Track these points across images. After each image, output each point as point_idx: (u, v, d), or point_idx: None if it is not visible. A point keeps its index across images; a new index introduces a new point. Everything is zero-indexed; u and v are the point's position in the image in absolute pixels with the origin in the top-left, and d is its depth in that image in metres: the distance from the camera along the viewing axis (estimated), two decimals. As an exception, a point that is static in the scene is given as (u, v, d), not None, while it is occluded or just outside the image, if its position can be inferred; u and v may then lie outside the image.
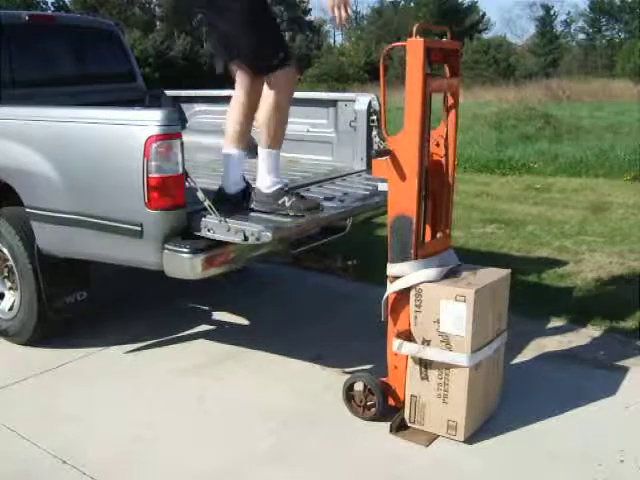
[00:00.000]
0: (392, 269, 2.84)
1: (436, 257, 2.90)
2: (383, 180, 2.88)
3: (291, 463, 2.69)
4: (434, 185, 2.92)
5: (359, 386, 2.99)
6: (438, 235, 3.00)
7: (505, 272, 2.98)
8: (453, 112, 2.93)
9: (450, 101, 2.92)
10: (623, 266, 5.01)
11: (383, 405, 2.92)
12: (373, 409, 2.95)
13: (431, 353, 2.77)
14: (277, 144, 3.12)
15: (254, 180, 3.19)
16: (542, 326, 3.96)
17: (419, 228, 2.80)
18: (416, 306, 2.80)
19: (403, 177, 2.75)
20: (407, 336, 2.83)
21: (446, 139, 2.93)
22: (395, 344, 2.84)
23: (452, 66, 2.92)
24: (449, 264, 2.92)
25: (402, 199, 2.77)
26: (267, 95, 3.06)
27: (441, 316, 2.73)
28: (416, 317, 2.81)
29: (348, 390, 3.03)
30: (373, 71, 37.14)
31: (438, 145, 2.95)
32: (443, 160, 2.95)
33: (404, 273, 2.80)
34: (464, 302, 2.67)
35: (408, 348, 2.82)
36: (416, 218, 2.75)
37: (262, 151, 3.12)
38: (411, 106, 2.67)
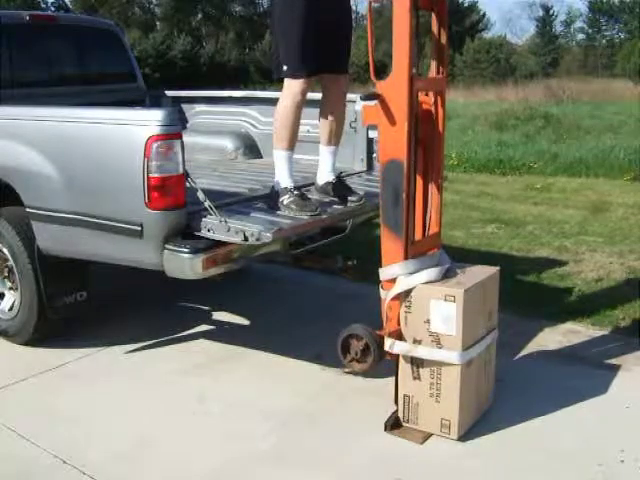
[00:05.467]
0: (384, 272, 2.84)
1: (430, 257, 2.90)
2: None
3: (291, 463, 2.69)
4: (424, 133, 2.91)
5: (355, 338, 2.92)
6: (430, 229, 2.99)
7: (494, 270, 2.99)
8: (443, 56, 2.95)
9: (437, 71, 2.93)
10: (623, 266, 5.01)
11: (379, 356, 2.87)
12: (368, 360, 2.89)
13: (422, 352, 2.78)
14: (281, 145, 3.26)
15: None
16: (542, 326, 3.96)
17: (410, 174, 2.76)
18: (406, 307, 2.80)
19: (393, 121, 2.72)
20: (398, 336, 2.83)
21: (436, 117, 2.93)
22: (387, 343, 2.84)
23: (439, 14, 2.91)
24: (444, 262, 2.92)
25: (392, 143, 2.74)
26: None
27: (431, 316, 2.74)
28: (406, 317, 2.81)
29: (343, 342, 2.96)
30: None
31: (427, 94, 2.95)
32: (432, 109, 2.95)
33: (395, 275, 2.80)
34: (454, 302, 2.68)
35: (400, 347, 2.82)
36: (407, 163, 2.72)
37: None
38: (398, 49, 2.66)
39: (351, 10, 3.50)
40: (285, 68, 3.16)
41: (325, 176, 3.45)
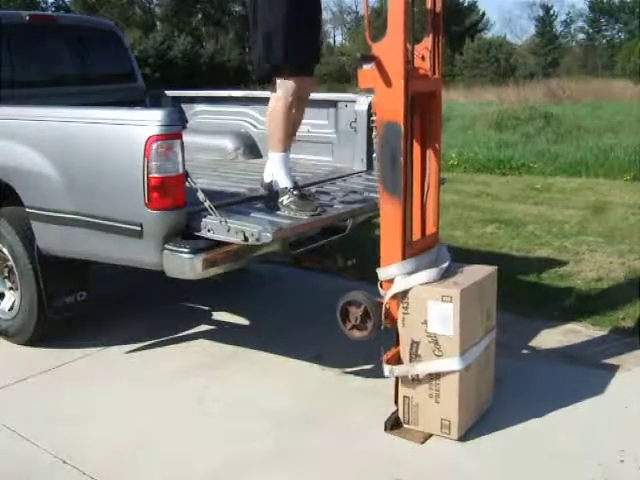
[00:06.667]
0: (383, 273, 2.84)
1: (427, 254, 2.90)
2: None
3: (291, 463, 2.69)
4: (421, 100, 2.89)
5: (354, 304, 2.91)
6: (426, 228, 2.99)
7: (491, 269, 2.99)
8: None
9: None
10: (623, 266, 5.01)
11: (379, 321, 2.86)
12: (368, 326, 2.88)
13: (422, 368, 2.78)
14: (277, 146, 3.27)
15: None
16: (542, 326, 3.96)
17: (407, 136, 2.74)
18: (403, 308, 2.80)
19: (389, 83, 2.70)
20: (397, 360, 2.84)
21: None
22: (386, 370, 2.84)
23: None
24: (443, 260, 2.93)
25: (389, 105, 2.71)
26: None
27: (429, 317, 2.73)
28: (404, 319, 2.81)
29: (343, 308, 2.94)
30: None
31: (423, 59, 2.94)
32: (429, 73, 2.94)
33: (394, 275, 2.80)
34: (450, 302, 2.68)
35: (398, 371, 2.83)
36: (404, 125, 2.69)
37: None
38: (393, 8, 2.64)
39: (321, 15, 3.50)
40: (275, 67, 3.16)
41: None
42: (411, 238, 2.88)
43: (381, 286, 2.89)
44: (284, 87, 3.17)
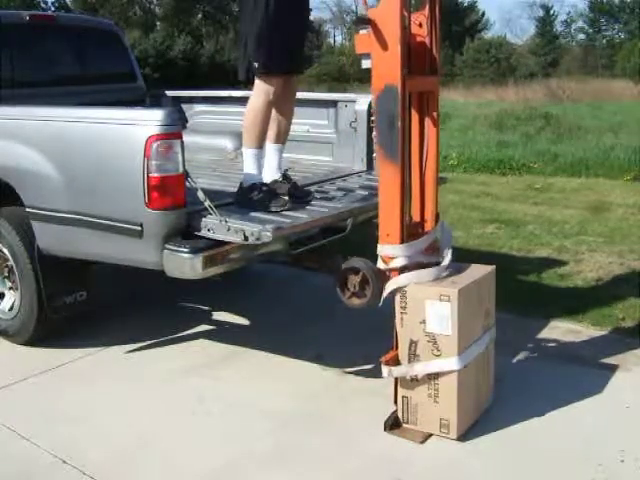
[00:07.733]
0: (382, 251, 2.84)
1: (425, 238, 2.92)
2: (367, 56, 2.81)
3: (291, 463, 2.69)
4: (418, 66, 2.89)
5: (352, 271, 2.91)
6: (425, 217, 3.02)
7: (489, 268, 3.00)
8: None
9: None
10: (623, 266, 5.01)
11: (378, 288, 2.86)
12: (367, 293, 2.89)
13: (420, 368, 2.78)
14: (251, 143, 3.29)
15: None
16: (542, 326, 3.96)
17: (404, 100, 2.73)
18: (402, 308, 2.80)
19: (385, 46, 2.69)
20: (395, 361, 2.84)
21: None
22: (384, 371, 2.84)
23: None
24: (445, 243, 2.95)
25: (386, 69, 2.70)
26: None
27: (427, 316, 2.74)
28: (402, 319, 2.81)
29: (343, 275, 2.94)
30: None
31: (421, 26, 2.94)
32: (427, 40, 2.94)
33: (393, 256, 2.80)
34: (448, 302, 2.68)
35: (397, 372, 2.84)
36: (401, 88, 2.69)
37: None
38: None
39: (310, 14, 3.54)
40: (257, 65, 3.18)
41: (272, 174, 3.45)
42: (410, 221, 2.88)
43: (382, 260, 2.88)
44: (266, 87, 3.20)
